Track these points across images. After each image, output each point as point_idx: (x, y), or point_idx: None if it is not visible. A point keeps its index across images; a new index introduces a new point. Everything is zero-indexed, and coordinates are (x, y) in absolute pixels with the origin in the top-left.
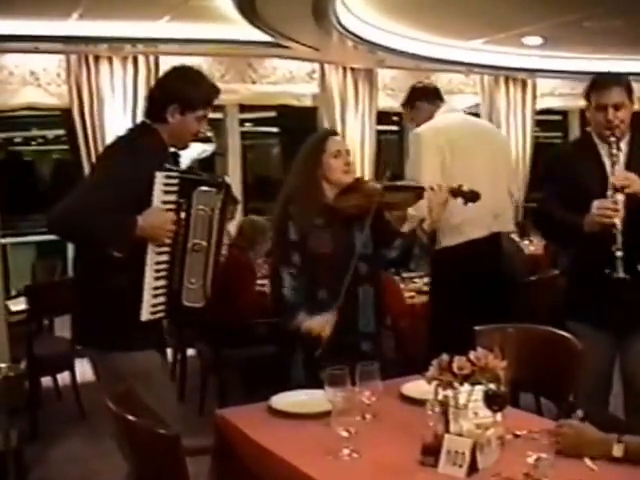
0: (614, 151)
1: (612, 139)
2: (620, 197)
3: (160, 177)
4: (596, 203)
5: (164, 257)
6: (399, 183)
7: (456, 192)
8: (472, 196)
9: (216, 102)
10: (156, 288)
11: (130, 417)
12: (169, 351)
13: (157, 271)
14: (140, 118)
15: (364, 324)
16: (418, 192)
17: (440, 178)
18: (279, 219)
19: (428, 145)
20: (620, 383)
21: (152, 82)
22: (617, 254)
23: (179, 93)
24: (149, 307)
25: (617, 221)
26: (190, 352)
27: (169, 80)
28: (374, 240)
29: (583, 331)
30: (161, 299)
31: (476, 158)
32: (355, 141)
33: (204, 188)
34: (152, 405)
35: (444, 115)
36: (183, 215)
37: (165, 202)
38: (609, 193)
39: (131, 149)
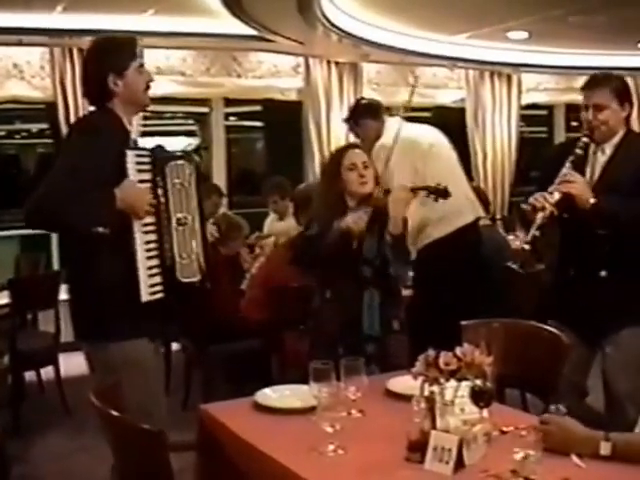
0: (578, 150)
1: (584, 139)
2: (556, 195)
3: (131, 155)
4: (534, 195)
5: (152, 236)
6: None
7: (430, 190)
8: (443, 193)
9: (201, 96)
10: (150, 267)
11: (114, 413)
12: None
13: (148, 250)
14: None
15: (368, 326)
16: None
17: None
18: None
19: (397, 155)
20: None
21: None
22: (524, 246)
23: (105, 63)
24: (147, 287)
25: (539, 215)
26: (174, 347)
27: (90, 61)
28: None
29: (560, 328)
30: (157, 279)
31: (441, 158)
32: (339, 137)
33: (175, 162)
34: (142, 397)
35: (399, 125)
36: (161, 192)
37: (141, 181)
38: (549, 189)
39: (95, 129)
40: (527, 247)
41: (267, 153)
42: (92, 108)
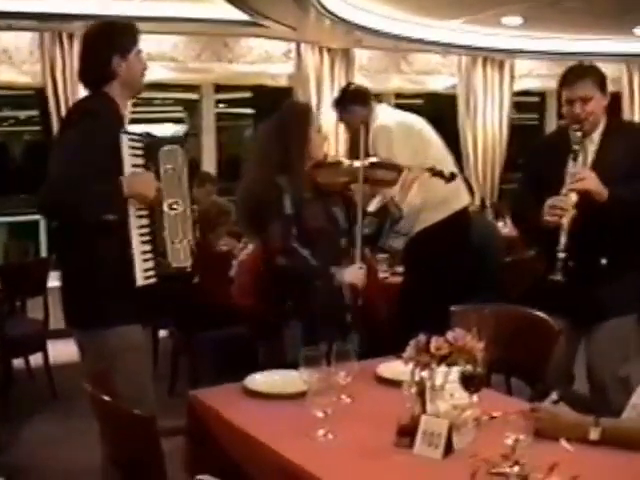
0: (576, 147)
1: (577, 134)
2: (573, 197)
3: (125, 140)
4: (548, 202)
5: (145, 221)
6: (381, 161)
7: (435, 172)
8: (450, 177)
9: (192, 82)
10: (144, 252)
11: (106, 398)
12: None
13: (142, 235)
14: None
15: (347, 297)
16: (399, 170)
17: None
18: (270, 192)
19: (398, 136)
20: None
21: None
22: (558, 255)
23: (111, 44)
24: (142, 272)
25: (564, 221)
26: (162, 333)
27: (95, 41)
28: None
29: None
30: (150, 263)
31: (433, 142)
32: (329, 123)
33: (168, 147)
34: (135, 383)
35: (389, 110)
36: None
37: (135, 165)
38: (563, 191)
39: (96, 113)
40: (562, 255)
41: None
42: (83, 94)
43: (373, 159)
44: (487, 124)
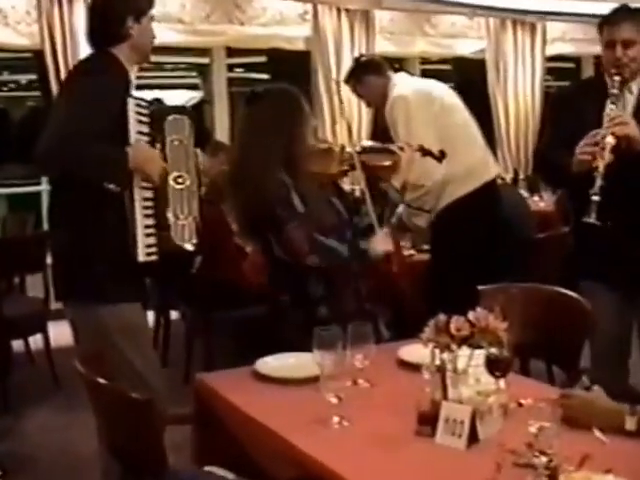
0: (614, 91)
1: (616, 78)
2: (610, 139)
3: (132, 104)
4: (582, 141)
5: (149, 193)
6: (375, 145)
7: (425, 151)
8: (440, 155)
9: (201, 45)
10: (147, 226)
11: (101, 380)
12: (150, 314)
13: (145, 208)
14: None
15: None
16: (393, 152)
17: (433, 138)
18: (280, 191)
19: (418, 107)
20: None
21: None
22: (593, 198)
23: (127, 3)
24: (144, 247)
25: (600, 163)
26: (174, 315)
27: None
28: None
29: (595, 291)
30: (153, 239)
31: (458, 110)
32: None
33: (174, 117)
34: (137, 365)
35: (408, 79)
36: (158, 147)
37: (140, 132)
38: (598, 135)
39: (101, 71)
40: (596, 198)
41: None
42: (83, 55)
43: (365, 143)
44: (519, 91)
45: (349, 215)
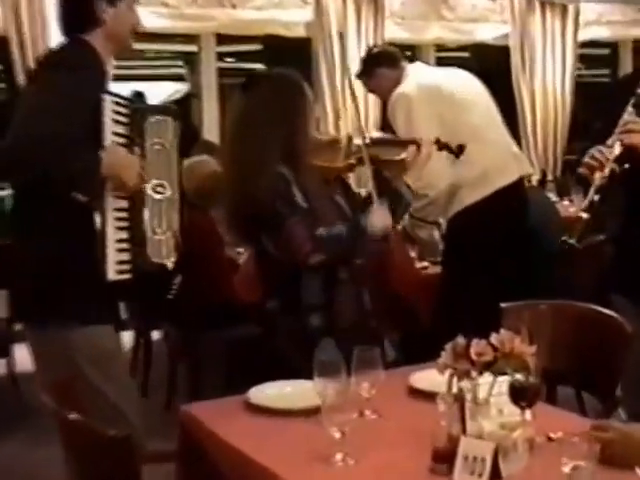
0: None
1: None
2: (616, 148)
3: (109, 101)
4: (591, 150)
5: (123, 203)
6: (386, 137)
7: (442, 145)
8: (458, 150)
9: (188, 31)
10: (119, 241)
11: (72, 416)
12: (128, 335)
13: (118, 219)
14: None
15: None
16: (405, 146)
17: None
18: (278, 185)
19: (420, 104)
20: None
21: None
22: (582, 215)
23: None
24: (114, 264)
25: (596, 176)
26: (155, 335)
27: None
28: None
29: (630, 308)
30: (126, 255)
31: (474, 106)
32: (355, 82)
33: (156, 117)
34: (111, 396)
35: (421, 71)
36: (137, 151)
37: (116, 134)
38: (608, 141)
39: (72, 65)
40: (585, 215)
41: None
42: (54, 43)
43: (375, 134)
44: (547, 82)
45: (354, 216)
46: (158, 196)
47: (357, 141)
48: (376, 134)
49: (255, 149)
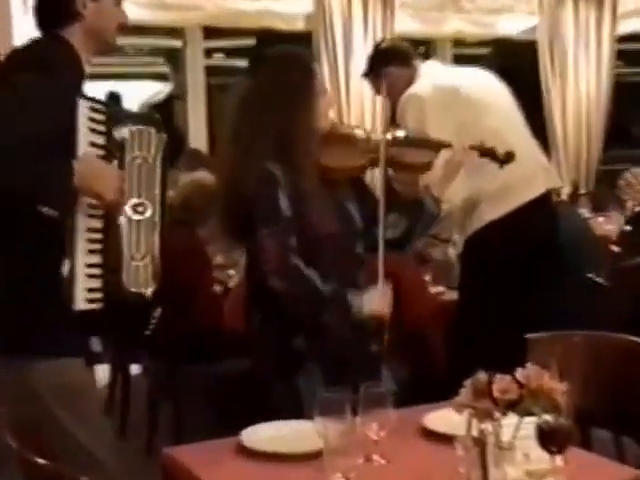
0: None
1: None
2: None
3: (84, 107)
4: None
5: (97, 223)
6: (414, 136)
7: (484, 151)
8: (505, 158)
9: (172, 23)
10: (90, 265)
11: (40, 460)
12: (105, 369)
13: (90, 241)
14: (37, 32)
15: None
16: (437, 149)
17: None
18: (262, 185)
19: (434, 108)
20: None
21: None
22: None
23: None
24: (84, 292)
25: (628, 205)
26: (134, 370)
27: None
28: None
29: None
30: (98, 282)
31: (494, 110)
32: (360, 80)
33: (138, 127)
34: (83, 438)
35: (437, 70)
36: (116, 165)
37: (93, 144)
38: None
39: (46, 64)
40: (628, 228)
41: None
42: (29, 37)
43: (400, 132)
44: (580, 81)
45: (368, 224)
46: (137, 217)
47: (377, 136)
48: (401, 132)
49: (243, 138)
